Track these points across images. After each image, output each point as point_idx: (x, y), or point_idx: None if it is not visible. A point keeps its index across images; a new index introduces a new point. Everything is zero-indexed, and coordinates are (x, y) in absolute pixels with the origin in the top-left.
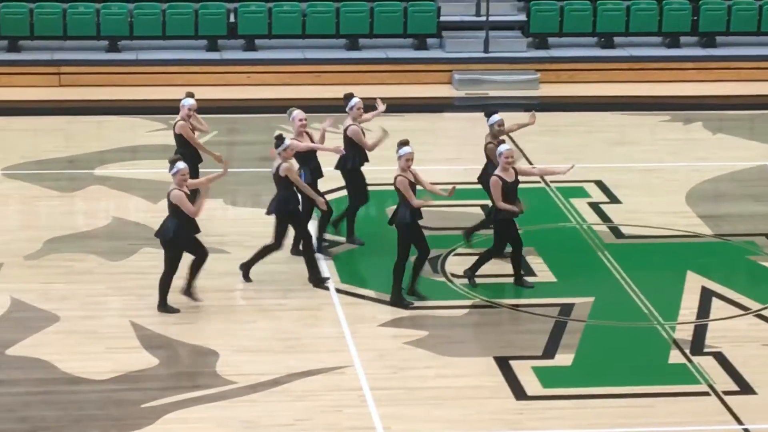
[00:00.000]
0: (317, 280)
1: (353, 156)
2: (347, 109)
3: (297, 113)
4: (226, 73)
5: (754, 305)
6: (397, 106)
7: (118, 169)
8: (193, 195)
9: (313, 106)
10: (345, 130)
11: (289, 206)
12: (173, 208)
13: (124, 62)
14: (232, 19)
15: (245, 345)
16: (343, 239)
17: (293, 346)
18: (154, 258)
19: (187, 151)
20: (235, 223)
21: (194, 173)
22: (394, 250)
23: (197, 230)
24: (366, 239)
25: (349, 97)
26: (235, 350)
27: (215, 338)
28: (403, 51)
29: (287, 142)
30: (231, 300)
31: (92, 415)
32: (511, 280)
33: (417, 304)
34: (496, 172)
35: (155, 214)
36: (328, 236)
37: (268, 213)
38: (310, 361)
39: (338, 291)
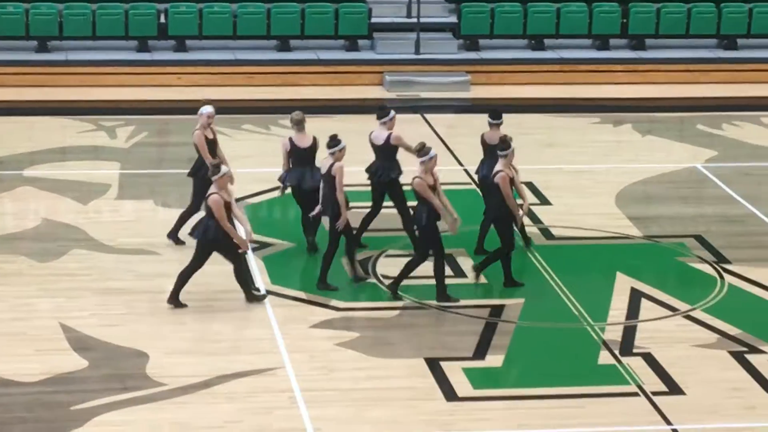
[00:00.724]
0: (357, 278)
1: (389, 167)
2: (385, 121)
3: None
4: (156, 74)
5: (683, 306)
6: (328, 108)
7: (48, 170)
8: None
9: (244, 108)
10: (387, 139)
11: (338, 208)
12: (210, 210)
13: (54, 63)
14: (162, 19)
15: (175, 347)
16: (276, 240)
17: (224, 347)
18: (84, 259)
19: (199, 162)
20: (165, 224)
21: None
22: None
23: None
24: (298, 241)
25: (385, 108)
26: (166, 352)
27: (145, 340)
28: (335, 52)
29: (343, 143)
30: (161, 302)
31: (21, 418)
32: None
33: (349, 305)
34: (500, 167)
35: (85, 216)
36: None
37: (324, 214)
38: (240, 363)
39: (269, 292)
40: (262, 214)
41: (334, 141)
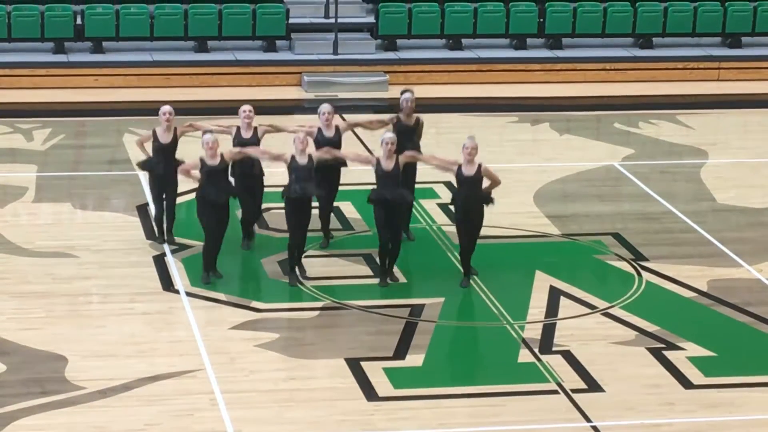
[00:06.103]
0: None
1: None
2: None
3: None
4: (73, 75)
5: (602, 304)
6: None
7: None
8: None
9: None
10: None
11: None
12: None
13: None
14: (78, 21)
15: (94, 350)
16: (196, 242)
17: (143, 350)
18: (1, 263)
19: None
20: (83, 227)
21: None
22: (244, 253)
23: (219, 198)
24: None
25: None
26: (85, 355)
27: (64, 343)
28: (253, 53)
29: None
30: (79, 304)
31: None
32: (360, 281)
33: (269, 306)
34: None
35: (2, 219)
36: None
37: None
38: (160, 365)
39: (189, 294)
40: (180, 216)
41: None
